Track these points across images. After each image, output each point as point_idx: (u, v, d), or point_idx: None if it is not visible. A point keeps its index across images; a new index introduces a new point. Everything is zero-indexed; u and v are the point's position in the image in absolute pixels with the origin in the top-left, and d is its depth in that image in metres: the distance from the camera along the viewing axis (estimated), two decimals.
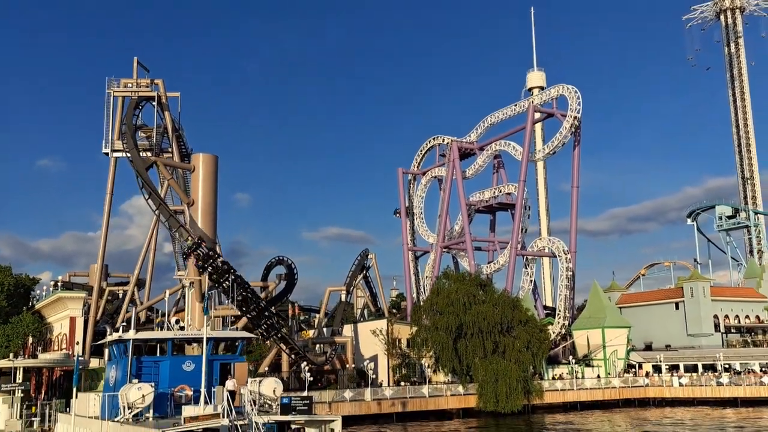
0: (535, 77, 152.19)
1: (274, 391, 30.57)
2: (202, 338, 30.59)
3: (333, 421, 28.48)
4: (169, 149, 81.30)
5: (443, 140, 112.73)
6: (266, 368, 76.41)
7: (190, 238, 59.89)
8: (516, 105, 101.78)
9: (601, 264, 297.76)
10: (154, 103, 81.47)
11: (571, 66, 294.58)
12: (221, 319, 55.24)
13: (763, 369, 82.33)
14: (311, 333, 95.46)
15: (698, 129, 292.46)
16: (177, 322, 33.62)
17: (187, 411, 27.91)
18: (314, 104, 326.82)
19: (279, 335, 64.44)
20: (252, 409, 27.71)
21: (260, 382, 31.33)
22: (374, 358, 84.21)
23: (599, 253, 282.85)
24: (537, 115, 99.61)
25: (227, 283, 56.59)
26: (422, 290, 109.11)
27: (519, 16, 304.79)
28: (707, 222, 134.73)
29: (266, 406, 30.45)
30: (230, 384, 31.94)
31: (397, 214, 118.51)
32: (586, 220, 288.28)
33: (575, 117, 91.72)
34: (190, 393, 30.59)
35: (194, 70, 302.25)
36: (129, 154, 71.21)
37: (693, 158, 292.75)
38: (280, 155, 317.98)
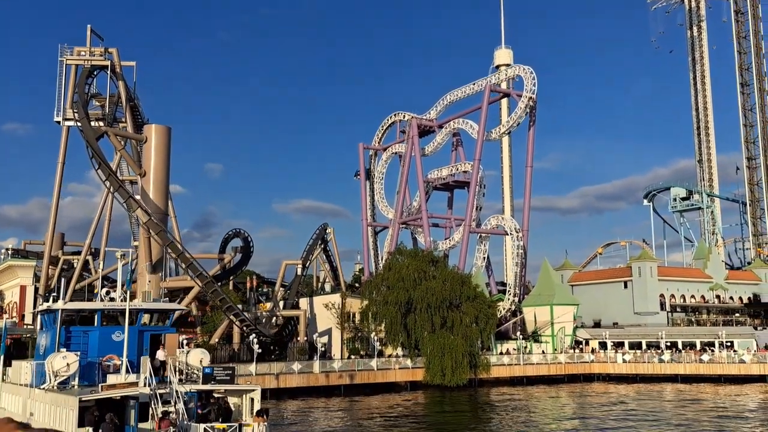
0: (503, 55, 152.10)
1: (201, 361, 31.36)
2: (133, 309, 31.21)
3: (253, 390, 29.35)
4: (123, 119, 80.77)
5: (404, 116, 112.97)
6: (217, 339, 77.15)
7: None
8: (474, 84, 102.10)
9: (568, 242, 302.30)
10: (108, 72, 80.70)
11: (543, 45, 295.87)
12: (151, 291, 55.58)
13: (704, 347, 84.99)
14: (268, 305, 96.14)
15: (668, 111, 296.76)
16: (107, 293, 34.01)
17: (110, 379, 28.64)
18: (285, 76, 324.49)
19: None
20: (174, 378, 28.45)
21: (187, 352, 32.08)
22: (328, 332, 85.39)
23: (568, 231, 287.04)
24: (497, 95, 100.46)
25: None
26: (381, 265, 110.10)
27: None
28: (666, 203, 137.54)
29: (194, 376, 31.21)
30: (161, 354, 32.67)
31: (358, 176, 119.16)
32: (556, 197, 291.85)
33: (530, 98, 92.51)
34: (119, 362, 31.20)
35: (165, 39, 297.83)
36: (79, 123, 70.62)
37: (663, 139, 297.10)
38: (252, 127, 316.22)
